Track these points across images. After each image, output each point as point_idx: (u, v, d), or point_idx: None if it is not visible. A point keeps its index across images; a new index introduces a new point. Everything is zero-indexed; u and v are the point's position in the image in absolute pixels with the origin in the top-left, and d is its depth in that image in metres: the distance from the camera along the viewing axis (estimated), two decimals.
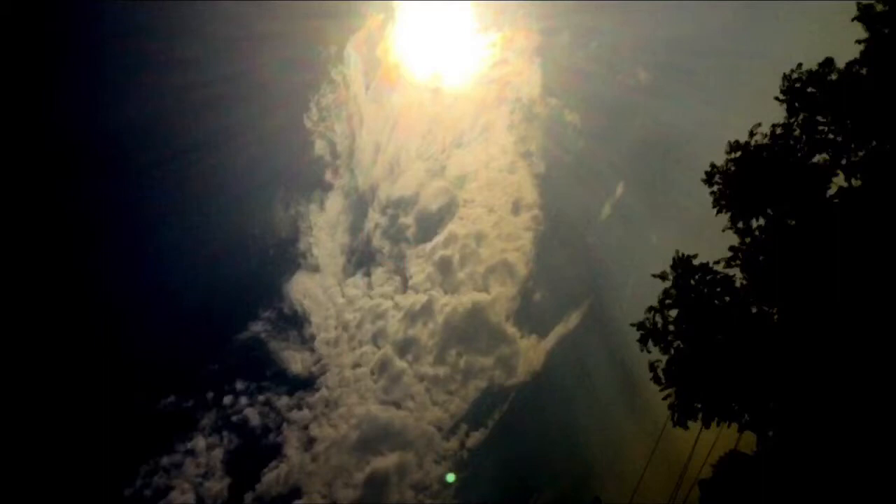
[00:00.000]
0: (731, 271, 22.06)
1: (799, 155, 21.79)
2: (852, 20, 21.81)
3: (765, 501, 21.33)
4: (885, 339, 18.47)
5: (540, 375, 70.85)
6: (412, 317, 75.10)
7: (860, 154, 21.02)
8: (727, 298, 21.67)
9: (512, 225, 78.24)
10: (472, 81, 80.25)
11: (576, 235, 76.36)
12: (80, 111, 69.56)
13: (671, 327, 22.01)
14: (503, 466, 66.82)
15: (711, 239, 23.48)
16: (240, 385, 69.60)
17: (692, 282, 22.02)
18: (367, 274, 78.72)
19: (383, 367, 72.96)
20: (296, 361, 72.75)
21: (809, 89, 22.06)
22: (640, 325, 22.38)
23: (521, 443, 68.05)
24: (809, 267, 20.10)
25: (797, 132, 22.03)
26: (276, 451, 66.98)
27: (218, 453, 65.12)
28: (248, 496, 63.36)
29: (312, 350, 74.02)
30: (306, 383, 72.13)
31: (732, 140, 22.69)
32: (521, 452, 66.89)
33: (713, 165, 22.99)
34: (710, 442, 22.88)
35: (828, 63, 21.94)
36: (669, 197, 65.11)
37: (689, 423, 21.38)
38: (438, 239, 78.28)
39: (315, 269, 77.72)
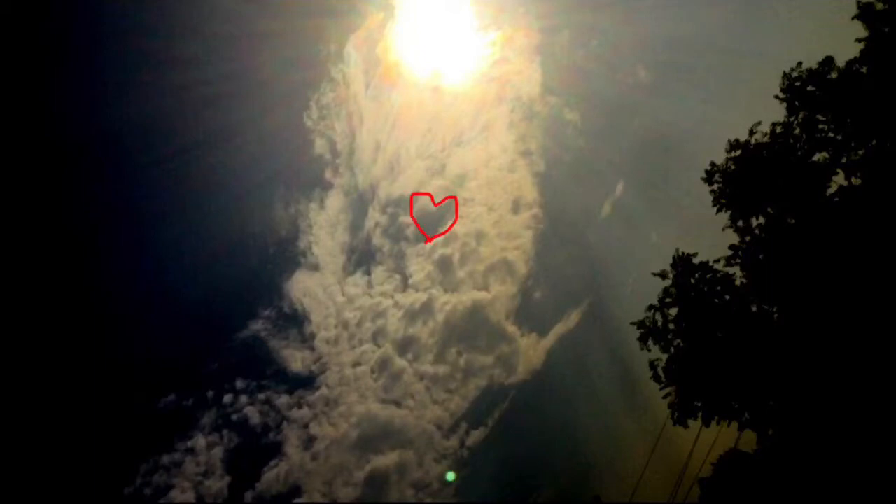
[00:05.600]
0: (731, 270, 22.06)
1: (799, 153, 21.78)
2: (852, 18, 21.77)
3: (765, 500, 21.35)
4: (885, 338, 18.48)
5: (540, 374, 71.01)
6: (412, 315, 75.24)
7: (860, 153, 21.00)
8: (727, 297, 21.67)
9: (512, 224, 78.39)
10: (471, 80, 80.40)
11: (576, 234, 76.44)
12: (80, 110, 69.64)
13: (671, 326, 22.00)
14: (503, 465, 66.94)
15: (711, 237, 23.51)
16: (240, 384, 69.80)
17: (692, 280, 22.01)
18: (367, 272, 78.87)
19: (383, 365, 73.13)
20: (296, 360, 72.90)
21: (809, 88, 22.02)
22: (640, 324, 22.38)
23: (521, 441, 68.12)
24: (809, 265, 20.11)
25: (797, 131, 22.01)
26: (276, 450, 67.21)
27: (218, 452, 65.32)
28: (249, 495, 63.59)
29: (312, 349, 74.21)
30: (306, 382, 72.35)
31: (732, 139, 22.69)
32: (521, 451, 67.00)
33: (713, 164, 22.97)
34: (710, 440, 22.89)
35: (828, 62, 21.91)
36: (669, 195, 65.13)
37: (689, 422, 21.39)
38: (438, 238, 78.35)
39: (315, 267, 77.91)
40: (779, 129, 22.20)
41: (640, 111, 72.24)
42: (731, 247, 22.23)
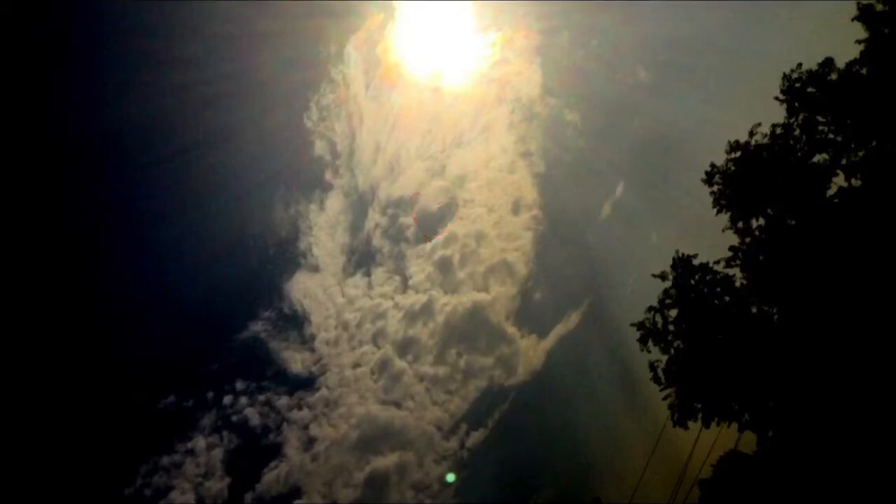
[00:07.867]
0: (730, 271, 22.09)
1: (799, 155, 21.78)
2: (852, 20, 21.79)
3: (765, 501, 21.34)
4: (884, 339, 18.48)
5: (540, 375, 70.92)
6: (412, 317, 75.23)
7: (860, 154, 21.01)
8: (727, 298, 21.68)
9: (512, 225, 78.31)
10: (471, 81, 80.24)
11: (576, 235, 76.30)
12: (80, 110, 69.62)
13: (671, 327, 22.03)
14: (503, 466, 66.89)
15: (711, 238, 23.51)
16: (240, 385, 69.72)
17: (692, 282, 22.04)
18: (367, 274, 78.85)
19: (383, 366, 73.06)
20: (296, 361, 72.86)
21: (809, 89, 22.04)
22: (640, 325, 22.41)
23: (521, 442, 68.09)
24: (809, 267, 20.10)
25: (797, 132, 22.02)
26: (276, 451, 67.12)
27: (218, 453, 65.24)
28: (248, 496, 63.52)
29: (312, 350, 74.13)
30: (306, 383, 72.27)
31: (732, 140, 22.71)
32: (521, 452, 66.95)
33: (713, 165, 22.99)
34: (710, 441, 22.88)
35: (828, 63, 21.93)
36: (669, 196, 65.04)
37: (689, 423, 21.40)
38: (438, 239, 78.35)
39: (315, 268, 77.84)
40: (779, 131, 22.22)
41: (640, 111, 72.19)
42: (731, 248, 22.23)
